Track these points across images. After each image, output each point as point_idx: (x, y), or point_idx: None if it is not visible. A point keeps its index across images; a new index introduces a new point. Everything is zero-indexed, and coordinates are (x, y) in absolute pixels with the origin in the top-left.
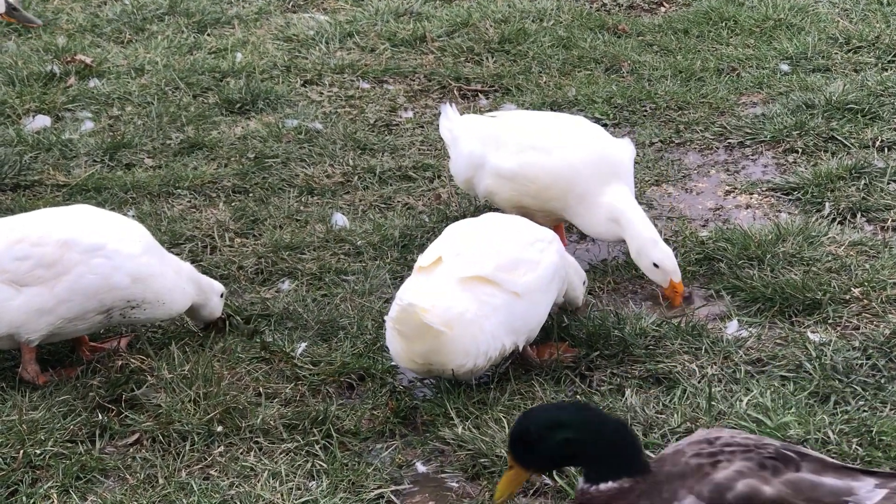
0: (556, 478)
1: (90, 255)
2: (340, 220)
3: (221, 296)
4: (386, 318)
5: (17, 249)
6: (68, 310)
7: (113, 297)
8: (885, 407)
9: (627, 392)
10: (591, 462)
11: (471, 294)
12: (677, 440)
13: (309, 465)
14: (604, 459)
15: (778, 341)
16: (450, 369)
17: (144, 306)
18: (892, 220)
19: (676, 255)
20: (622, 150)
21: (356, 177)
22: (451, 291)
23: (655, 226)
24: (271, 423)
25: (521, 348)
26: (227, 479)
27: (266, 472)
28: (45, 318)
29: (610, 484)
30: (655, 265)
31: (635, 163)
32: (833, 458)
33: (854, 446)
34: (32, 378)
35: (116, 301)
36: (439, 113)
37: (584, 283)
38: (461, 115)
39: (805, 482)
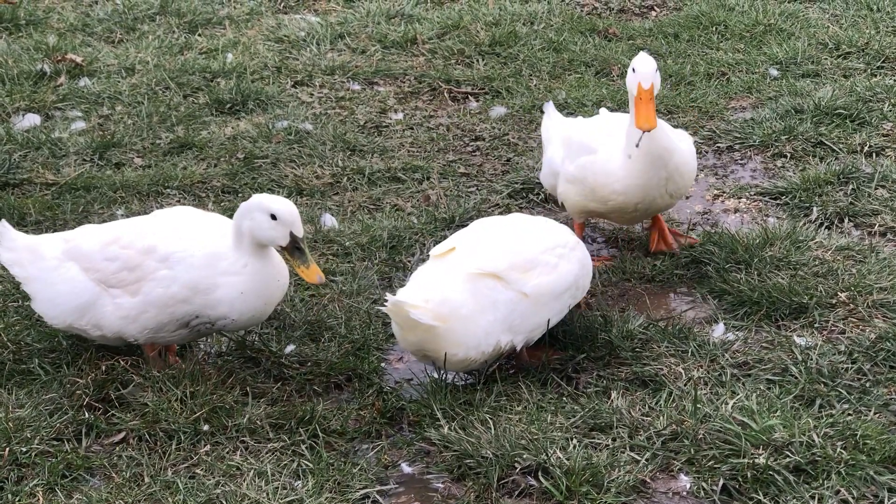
0: (542, 479)
1: (161, 265)
2: (329, 220)
3: (273, 217)
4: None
5: (109, 250)
6: (147, 320)
7: (183, 310)
8: (870, 410)
9: (613, 394)
10: None
11: (472, 287)
12: (663, 443)
13: (295, 464)
14: None
15: (764, 345)
16: (441, 357)
17: (219, 321)
18: (880, 225)
19: (664, 259)
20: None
21: (345, 178)
22: (453, 284)
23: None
24: (258, 422)
25: (518, 349)
26: (213, 478)
27: (252, 471)
28: (133, 326)
29: None
30: (633, 70)
31: None
32: (817, 460)
33: (838, 449)
34: (158, 369)
35: (187, 315)
36: (429, 115)
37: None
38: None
39: None
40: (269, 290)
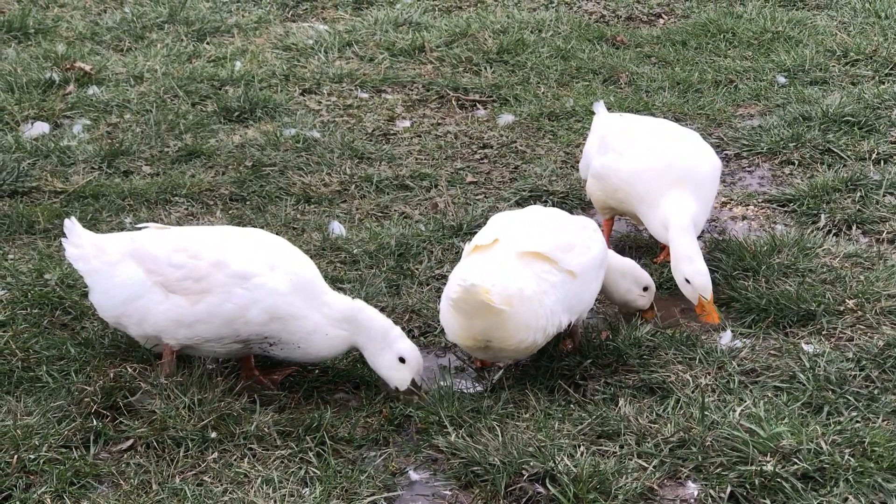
0: (549, 486)
1: (235, 283)
2: (337, 228)
3: (401, 360)
4: (445, 297)
5: (176, 257)
6: (205, 330)
7: (249, 329)
8: (878, 417)
9: (621, 401)
10: None
11: (529, 271)
12: (670, 450)
13: (302, 471)
14: None
15: (772, 352)
16: (509, 345)
17: (281, 346)
18: (888, 233)
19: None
20: (700, 161)
21: (353, 185)
22: (511, 269)
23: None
24: (265, 429)
25: (573, 325)
26: (221, 485)
27: (259, 478)
28: (183, 331)
29: None
30: (687, 280)
31: None
32: (825, 468)
33: (846, 457)
34: (165, 375)
35: (252, 335)
36: (437, 123)
37: (644, 287)
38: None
39: None
40: (339, 351)
